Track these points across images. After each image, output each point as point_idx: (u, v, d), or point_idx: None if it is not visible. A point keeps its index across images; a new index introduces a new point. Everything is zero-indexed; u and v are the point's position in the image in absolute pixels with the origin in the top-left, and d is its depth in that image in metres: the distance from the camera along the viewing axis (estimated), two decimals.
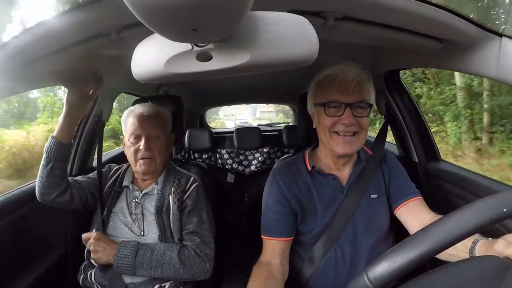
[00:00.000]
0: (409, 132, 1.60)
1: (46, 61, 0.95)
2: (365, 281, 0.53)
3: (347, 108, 1.05)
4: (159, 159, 1.34)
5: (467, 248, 0.85)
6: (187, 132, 2.66)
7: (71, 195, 1.30)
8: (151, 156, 1.32)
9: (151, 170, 1.34)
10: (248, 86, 2.66)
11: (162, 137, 1.36)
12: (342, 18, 0.84)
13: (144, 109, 1.36)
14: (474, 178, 1.30)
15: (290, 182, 1.17)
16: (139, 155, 1.31)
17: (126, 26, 0.82)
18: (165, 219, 1.31)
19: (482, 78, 6.51)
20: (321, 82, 1.11)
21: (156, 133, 1.33)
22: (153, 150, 1.32)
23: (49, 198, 1.26)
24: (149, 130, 1.32)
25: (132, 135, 1.32)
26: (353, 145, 1.08)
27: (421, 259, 0.51)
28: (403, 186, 1.17)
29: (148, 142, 1.31)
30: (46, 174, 1.22)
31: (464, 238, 0.52)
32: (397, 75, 1.58)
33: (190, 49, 0.58)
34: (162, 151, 1.35)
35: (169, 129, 1.43)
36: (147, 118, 1.32)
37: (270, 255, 1.14)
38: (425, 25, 0.87)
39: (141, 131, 1.31)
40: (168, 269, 1.21)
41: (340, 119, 1.06)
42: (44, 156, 1.22)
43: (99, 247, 1.22)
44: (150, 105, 1.40)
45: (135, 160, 1.32)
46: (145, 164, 1.32)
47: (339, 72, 1.06)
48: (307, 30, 0.58)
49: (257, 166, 2.87)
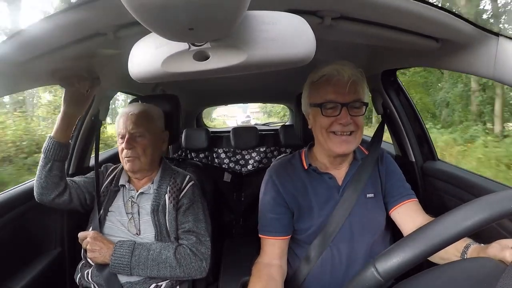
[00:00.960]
0: (405, 131, 1.60)
1: (42, 60, 0.94)
2: (373, 273, 0.53)
3: (343, 108, 1.05)
4: (144, 158, 1.33)
5: (458, 252, 0.86)
6: (184, 131, 2.66)
7: (70, 196, 1.30)
8: (134, 155, 1.31)
9: (135, 168, 1.33)
10: (245, 85, 2.65)
11: (147, 136, 1.34)
12: (339, 18, 0.84)
13: (130, 108, 1.36)
14: (471, 178, 1.30)
15: (285, 180, 1.17)
16: (123, 154, 1.32)
17: (123, 26, 0.82)
18: (161, 218, 1.31)
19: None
20: (315, 83, 1.11)
21: (139, 131, 1.32)
22: (136, 149, 1.31)
23: (48, 199, 1.26)
24: (132, 129, 1.31)
25: (119, 135, 1.34)
26: (350, 145, 1.08)
27: (431, 250, 0.51)
28: (399, 187, 1.18)
29: (130, 140, 1.30)
30: (45, 175, 1.22)
31: (476, 230, 0.51)
32: (394, 75, 1.58)
33: (187, 48, 0.58)
34: (147, 149, 1.33)
35: (158, 127, 1.41)
36: (131, 117, 1.32)
37: (268, 255, 1.14)
38: (421, 25, 0.87)
39: (124, 130, 1.31)
40: (164, 268, 1.21)
41: (337, 119, 1.06)
42: (42, 157, 1.22)
43: (96, 246, 1.22)
44: (138, 105, 1.40)
45: (122, 158, 1.33)
46: (129, 162, 1.32)
47: (333, 71, 1.06)
48: (304, 29, 0.58)
49: (254, 166, 2.87)
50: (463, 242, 0.86)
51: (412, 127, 1.61)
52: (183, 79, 0.62)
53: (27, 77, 1.06)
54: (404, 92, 1.61)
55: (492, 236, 0.83)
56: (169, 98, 1.64)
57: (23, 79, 1.06)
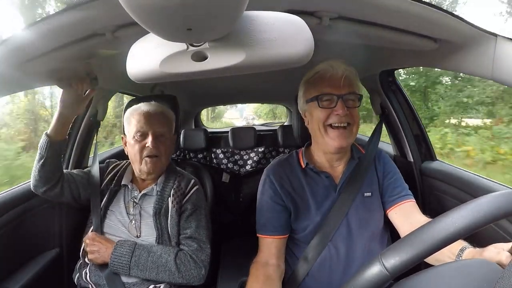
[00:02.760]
0: (404, 131, 1.61)
1: (40, 61, 0.94)
2: (381, 268, 0.53)
3: (339, 100, 1.06)
4: (165, 158, 1.34)
5: (453, 255, 0.86)
6: (182, 132, 2.66)
7: (62, 189, 1.29)
8: (157, 154, 1.30)
9: (157, 169, 1.32)
10: (243, 85, 2.65)
11: (168, 136, 1.35)
12: (337, 18, 0.84)
13: (150, 107, 1.35)
14: (469, 178, 1.30)
15: (282, 180, 1.18)
16: (145, 152, 1.29)
17: (121, 26, 0.82)
18: (163, 222, 1.30)
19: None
20: (310, 80, 1.13)
21: (163, 131, 1.32)
22: (160, 148, 1.30)
23: (39, 191, 1.26)
24: (156, 128, 1.30)
25: (138, 133, 1.29)
26: (348, 139, 1.09)
27: (440, 245, 0.51)
28: (396, 187, 1.18)
29: (155, 140, 1.29)
30: (38, 169, 1.22)
31: (484, 226, 0.51)
32: (392, 75, 1.58)
33: (185, 48, 0.58)
34: (167, 150, 1.34)
35: (173, 129, 1.41)
36: (154, 116, 1.31)
37: (266, 254, 1.14)
38: (420, 25, 0.87)
39: (147, 128, 1.29)
40: (163, 272, 1.20)
41: (333, 111, 1.07)
42: (38, 152, 1.21)
43: (94, 247, 1.22)
44: (155, 104, 1.39)
45: (141, 158, 1.30)
46: (151, 163, 1.30)
47: (328, 67, 1.09)
48: (302, 29, 0.59)
49: (252, 166, 2.86)
50: (458, 244, 0.85)
51: (410, 127, 1.61)
52: (181, 79, 0.62)
53: (25, 78, 1.06)
54: (402, 92, 1.61)
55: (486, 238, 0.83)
56: (167, 99, 1.63)
57: (21, 80, 1.06)
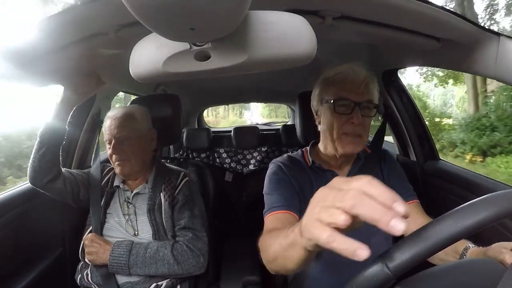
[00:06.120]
0: (407, 131, 1.60)
1: (44, 60, 0.95)
2: (383, 268, 0.52)
3: (356, 107, 1.04)
4: (134, 160, 1.32)
5: (457, 254, 0.85)
6: (185, 131, 2.66)
7: (64, 184, 1.29)
8: (123, 158, 1.31)
9: (126, 172, 1.33)
10: (246, 85, 2.65)
11: (133, 137, 1.32)
12: (340, 17, 0.84)
13: (113, 113, 1.35)
14: (472, 177, 1.30)
15: (293, 171, 1.15)
16: (112, 158, 1.32)
17: (124, 25, 0.82)
18: (157, 217, 1.31)
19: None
20: (330, 79, 1.10)
21: (124, 135, 1.30)
22: (126, 152, 1.30)
23: (40, 183, 1.24)
24: (116, 133, 1.30)
25: (106, 141, 1.33)
26: (358, 146, 1.08)
27: (443, 244, 0.50)
28: (401, 188, 1.17)
29: (116, 145, 1.29)
30: (38, 159, 1.21)
31: (488, 224, 0.51)
32: (395, 74, 1.58)
33: (188, 48, 0.58)
34: (135, 151, 1.32)
35: (143, 127, 1.38)
36: (114, 121, 1.31)
37: (274, 224, 1.02)
38: (423, 24, 0.87)
39: (110, 135, 1.31)
40: (162, 266, 1.21)
41: (349, 119, 1.04)
42: (38, 141, 1.21)
43: (93, 248, 1.23)
44: (120, 108, 1.39)
45: (113, 162, 1.33)
46: (120, 166, 1.31)
47: (349, 70, 1.05)
48: (305, 29, 0.58)
49: (255, 165, 2.86)
50: (462, 244, 0.85)
51: (414, 126, 1.60)
52: (184, 79, 0.63)
53: (28, 77, 1.07)
54: (405, 92, 1.61)
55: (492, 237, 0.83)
56: (170, 98, 1.64)
57: (24, 79, 1.07)
